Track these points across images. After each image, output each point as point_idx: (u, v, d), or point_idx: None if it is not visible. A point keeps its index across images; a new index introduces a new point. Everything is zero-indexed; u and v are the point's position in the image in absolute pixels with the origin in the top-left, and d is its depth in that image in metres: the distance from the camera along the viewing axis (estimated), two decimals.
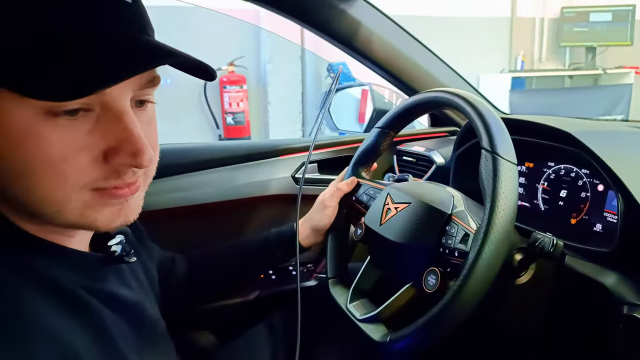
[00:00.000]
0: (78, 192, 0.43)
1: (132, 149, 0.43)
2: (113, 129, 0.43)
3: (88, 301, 0.48)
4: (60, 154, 0.41)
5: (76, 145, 0.42)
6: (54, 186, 0.42)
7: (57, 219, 0.44)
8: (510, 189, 0.58)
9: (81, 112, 0.41)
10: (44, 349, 0.40)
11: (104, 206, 0.46)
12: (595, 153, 0.69)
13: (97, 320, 0.48)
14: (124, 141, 0.43)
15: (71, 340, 0.43)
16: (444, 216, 0.66)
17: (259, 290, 1.11)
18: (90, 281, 0.50)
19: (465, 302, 0.57)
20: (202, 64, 0.46)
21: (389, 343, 0.64)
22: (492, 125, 0.62)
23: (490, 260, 0.56)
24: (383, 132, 0.85)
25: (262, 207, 1.10)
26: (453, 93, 0.70)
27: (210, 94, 3.89)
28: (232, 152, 1.07)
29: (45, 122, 0.40)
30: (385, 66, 1.07)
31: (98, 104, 0.42)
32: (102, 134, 0.43)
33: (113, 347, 0.50)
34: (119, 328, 0.51)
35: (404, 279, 0.69)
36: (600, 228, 0.77)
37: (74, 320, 0.45)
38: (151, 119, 0.50)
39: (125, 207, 0.47)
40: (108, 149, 0.43)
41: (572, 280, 0.71)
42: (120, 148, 0.43)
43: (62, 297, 0.45)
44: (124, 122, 0.43)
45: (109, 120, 0.43)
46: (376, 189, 0.83)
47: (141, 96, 0.47)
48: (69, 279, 0.47)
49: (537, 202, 0.88)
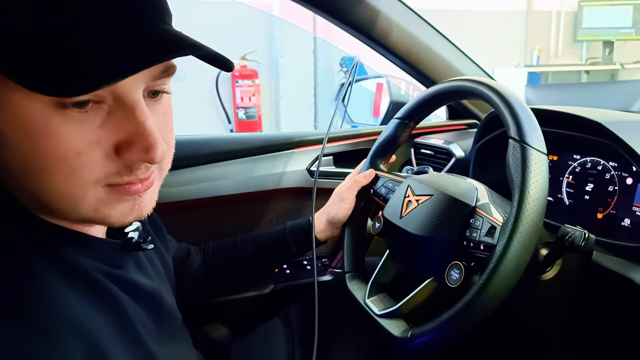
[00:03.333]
0: (92, 188, 0.42)
1: (144, 144, 0.42)
2: (125, 122, 0.42)
3: (108, 287, 0.48)
4: (73, 148, 0.40)
5: (88, 139, 0.40)
6: (68, 181, 0.41)
7: (72, 214, 0.44)
8: (540, 179, 0.56)
9: (92, 104, 0.40)
10: (69, 334, 0.40)
11: (118, 202, 0.45)
12: (627, 143, 0.67)
13: (117, 306, 0.48)
14: (136, 135, 0.42)
15: (94, 327, 0.43)
16: (468, 208, 0.64)
17: (273, 284, 1.10)
18: (109, 267, 0.50)
19: (492, 296, 0.55)
20: (220, 57, 0.44)
21: (410, 339, 0.62)
22: (520, 113, 0.60)
23: (519, 254, 0.54)
24: (403, 122, 0.83)
25: (277, 200, 1.09)
26: (478, 81, 0.68)
27: (222, 89, 3.89)
28: (248, 144, 1.06)
29: (56, 115, 0.39)
30: (403, 56, 1.04)
31: (110, 96, 0.41)
32: (114, 128, 0.41)
33: (134, 333, 0.49)
34: (138, 315, 0.51)
35: (425, 273, 0.67)
36: (628, 223, 0.75)
37: (96, 306, 0.45)
38: (166, 110, 0.48)
39: (139, 203, 0.46)
40: (120, 143, 0.42)
41: (599, 276, 0.69)
42: (132, 142, 0.42)
43: (84, 283, 0.45)
44: (136, 116, 0.42)
45: (121, 113, 0.41)
46: (395, 182, 0.81)
47: (155, 87, 0.45)
48: (89, 265, 0.47)
49: (561, 196, 0.86)
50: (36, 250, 0.43)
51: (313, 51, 4.03)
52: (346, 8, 0.96)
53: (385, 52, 1.06)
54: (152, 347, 0.52)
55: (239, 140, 1.08)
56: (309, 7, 0.95)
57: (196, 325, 0.98)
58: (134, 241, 0.54)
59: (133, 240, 0.54)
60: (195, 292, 0.84)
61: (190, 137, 1.06)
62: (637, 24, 4.33)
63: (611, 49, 4.51)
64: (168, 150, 0.48)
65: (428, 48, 1.06)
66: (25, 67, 0.37)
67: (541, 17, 4.70)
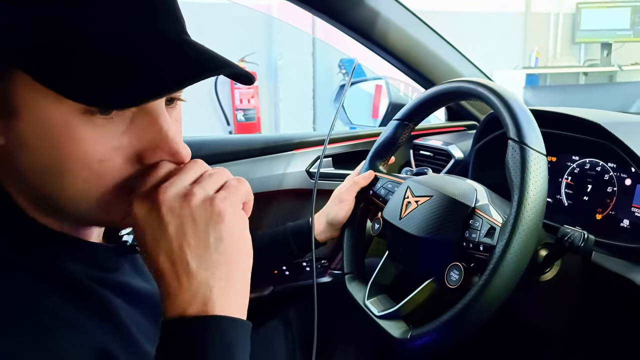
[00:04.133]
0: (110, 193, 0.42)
1: (170, 150, 0.43)
2: (148, 130, 0.42)
3: (99, 292, 0.47)
4: (97, 154, 0.40)
5: (111, 145, 0.41)
6: (88, 186, 0.41)
7: (82, 216, 0.44)
8: (539, 180, 0.56)
9: (116, 112, 0.40)
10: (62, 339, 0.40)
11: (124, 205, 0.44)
12: (626, 144, 0.67)
13: (110, 312, 0.47)
14: (159, 143, 0.42)
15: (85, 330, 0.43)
16: (468, 209, 0.64)
17: (273, 286, 1.10)
18: (101, 272, 0.49)
19: (492, 297, 0.55)
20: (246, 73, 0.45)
21: (410, 340, 0.62)
22: (519, 114, 0.60)
23: (519, 254, 0.54)
24: (402, 124, 0.83)
25: (277, 202, 1.09)
26: (477, 82, 0.68)
27: (221, 91, 3.89)
28: (248, 145, 1.06)
29: (82, 121, 0.39)
30: (402, 57, 1.05)
31: None
32: (137, 135, 0.42)
33: (129, 337, 0.49)
34: (134, 319, 0.50)
35: (425, 274, 0.67)
36: (627, 224, 0.75)
37: (87, 312, 0.44)
38: (178, 118, 0.48)
39: None
40: (143, 150, 0.42)
41: (599, 277, 0.69)
42: (157, 150, 0.43)
43: (75, 289, 0.44)
44: (158, 124, 0.42)
45: (144, 121, 0.42)
46: (394, 183, 0.81)
47: (173, 95, 0.46)
48: (79, 271, 0.46)
49: (560, 197, 0.86)
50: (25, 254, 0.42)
51: (312, 53, 4.03)
52: (345, 9, 0.96)
53: (384, 54, 1.06)
54: (150, 352, 0.51)
55: (239, 141, 1.08)
56: (307, 8, 0.95)
57: None
58: (128, 244, 0.54)
59: (127, 244, 0.54)
60: None
61: (189, 138, 1.05)
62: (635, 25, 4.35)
63: (609, 51, 4.52)
64: None
65: (427, 49, 1.07)
66: (68, 75, 0.37)
67: (539, 19, 4.71)
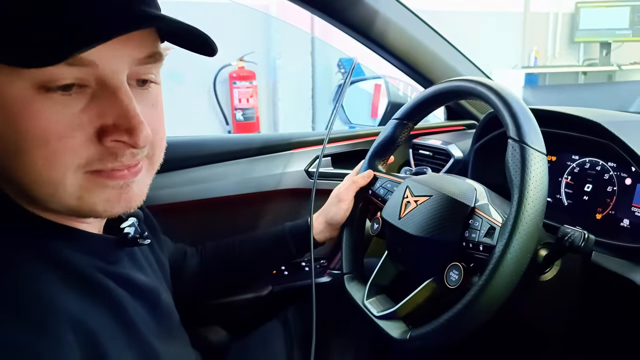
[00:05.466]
0: (73, 174, 0.41)
1: (127, 126, 0.41)
2: (109, 106, 0.41)
3: (105, 283, 0.47)
4: (55, 131, 0.39)
5: (71, 122, 0.40)
6: (48, 165, 0.40)
7: (54, 202, 0.43)
8: (539, 179, 0.55)
9: (76, 88, 0.40)
10: (63, 328, 0.39)
11: (102, 189, 0.44)
12: (627, 143, 0.67)
13: (114, 302, 0.47)
14: (119, 118, 0.41)
15: (89, 321, 0.42)
16: (467, 209, 0.64)
17: (271, 286, 1.09)
18: (105, 264, 0.49)
19: (492, 298, 0.54)
20: (197, 31, 0.43)
21: (409, 340, 0.61)
22: (519, 113, 0.59)
23: (519, 254, 0.54)
24: (401, 123, 0.83)
25: (275, 201, 1.08)
26: (477, 81, 0.67)
27: (220, 90, 3.88)
28: (247, 145, 1.06)
29: (39, 97, 0.39)
30: (401, 56, 1.04)
31: (93, 80, 0.41)
32: (97, 112, 0.41)
33: (133, 329, 0.49)
34: (137, 311, 0.50)
35: (424, 274, 0.66)
36: (627, 223, 0.74)
37: (91, 301, 0.44)
38: (155, 101, 0.48)
39: (127, 192, 0.45)
40: (103, 127, 0.41)
41: (599, 277, 0.68)
42: (115, 125, 0.41)
43: (78, 279, 0.44)
44: (118, 98, 0.41)
45: (104, 97, 0.41)
46: (394, 182, 0.81)
47: (142, 74, 0.45)
48: (83, 262, 0.46)
49: (560, 196, 0.85)
50: (26, 245, 0.42)
51: (311, 52, 4.03)
52: (344, 8, 0.96)
53: (383, 53, 1.06)
54: (153, 343, 0.51)
55: (238, 141, 1.07)
56: (306, 7, 0.95)
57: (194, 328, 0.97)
58: (129, 236, 0.54)
59: (129, 236, 0.54)
60: (192, 294, 0.84)
61: (189, 138, 1.05)
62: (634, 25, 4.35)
63: (608, 50, 4.52)
64: (158, 141, 0.48)
65: (426, 48, 1.06)
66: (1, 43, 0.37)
67: (539, 18, 4.70)
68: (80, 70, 0.39)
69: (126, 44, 0.42)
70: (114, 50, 0.41)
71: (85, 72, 0.40)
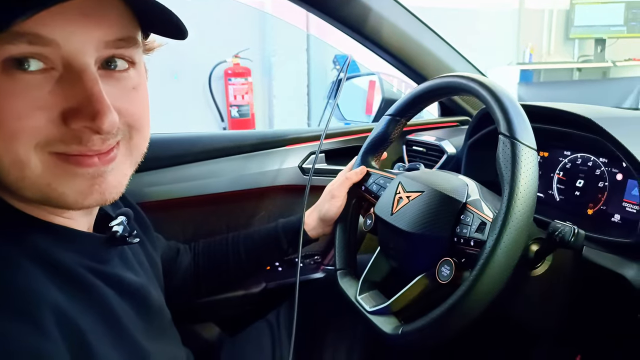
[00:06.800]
0: (35, 154, 0.40)
1: (91, 111, 0.40)
2: (74, 89, 0.40)
3: (91, 282, 0.47)
4: (14, 111, 0.38)
5: (33, 104, 0.39)
6: (9, 145, 0.39)
7: (25, 187, 0.42)
8: (530, 175, 0.55)
9: (41, 70, 0.39)
10: (49, 322, 0.39)
11: (72, 177, 0.42)
12: (617, 139, 0.67)
13: (101, 301, 0.47)
14: (83, 101, 0.40)
15: (76, 318, 0.42)
16: (459, 205, 0.64)
17: (265, 283, 1.10)
18: (93, 262, 0.49)
19: (483, 293, 0.55)
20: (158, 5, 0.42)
21: (401, 335, 0.62)
22: (510, 109, 0.59)
23: (509, 249, 0.54)
24: (394, 119, 0.83)
25: (269, 198, 1.08)
26: (468, 77, 0.67)
27: (215, 87, 3.87)
28: (241, 141, 1.05)
29: (3, 78, 0.38)
30: (395, 53, 1.04)
31: (59, 62, 0.40)
32: (62, 94, 0.40)
33: (121, 328, 0.48)
34: (124, 311, 0.50)
35: (416, 269, 0.67)
36: (618, 218, 0.75)
37: (78, 299, 0.44)
38: (137, 85, 0.46)
39: (100, 183, 0.44)
40: (67, 110, 0.40)
41: (590, 272, 0.69)
42: (79, 109, 0.40)
43: (64, 277, 0.44)
44: (83, 80, 0.40)
45: (69, 80, 0.40)
46: (386, 178, 0.81)
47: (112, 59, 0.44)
48: (71, 259, 0.46)
49: (552, 192, 0.86)
50: (11, 240, 0.42)
51: (306, 49, 4.02)
52: (338, 5, 0.95)
53: (377, 50, 1.06)
54: (141, 343, 0.51)
55: (232, 137, 1.07)
56: (301, 4, 0.94)
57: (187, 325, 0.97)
58: (118, 235, 0.53)
59: (117, 234, 0.53)
60: (185, 291, 0.84)
61: (182, 134, 1.05)
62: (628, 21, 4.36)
63: (603, 47, 4.52)
64: (137, 126, 0.47)
65: (420, 45, 1.06)
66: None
67: (533, 15, 4.71)
68: (43, 50, 0.39)
69: (91, 24, 0.41)
70: (76, 29, 0.40)
71: (49, 52, 0.39)
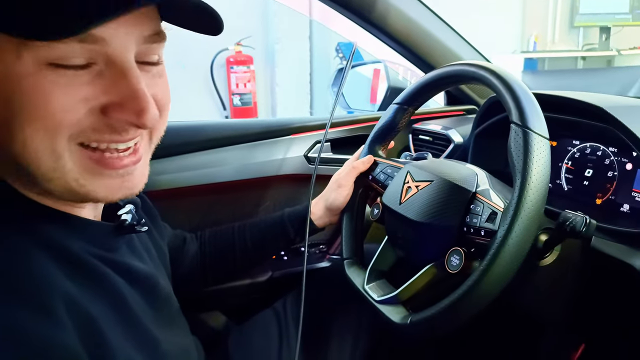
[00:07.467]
0: (67, 145, 0.41)
1: (136, 107, 0.42)
2: (116, 84, 0.41)
3: (101, 270, 0.47)
4: (62, 104, 0.39)
5: (77, 97, 0.40)
6: (48, 137, 0.40)
7: (54, 179, 0.42)
8: (542, 164, 0.55)
9: (83, 65, 0.40)
10: (61, 310, 0.39)
11: (101, 176, 0.44)
12: (629, 128, 0.66)
13: (111, 289, 0.47)
14: (127, 98, 0.41)
15: (87, 306, 0.42)
16: (468, 194, 0.64)
17: (271, 272, 1.10)
18: (102, 251, 0.49)
19: (493, 282, 0.54)
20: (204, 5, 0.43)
21: (411, 325, 0.62)
22: (522, 97, 0.59)
23: (520, 239, 0.54)
24: (402, 108, 0.82)
25: (274, 187, 1.08)
26: (479, 65, 0.67)
27: (217, 75, 3.85)
28: (246, 130, 1.05)
29: (47, 72, 0.39)
30: (402, 40, 1.03)
31: (101, 58, 0.41)
32: (103, 88, 0.41)
33: (132, 316, 0.49)
34: (134, 299, 0.50)
35: (424, 259, 0.66)
36: (627, 208, 0.74)
37: (88, 288, 0.44)
38: (161, 75, 0.48)
39: (129, 179, 0.46)
40: (110, 104, 0.41)
41: (598, 262, 0.69)
42: (123, 105, 0.42)
43: (74, 265, 0.44)
44: (127, 78, 0.41)
45: (111, 75, 0.41)
46: (394, 168, 0.81)
47: (148, 53, 0.45)
48: (81, 248, 0.46)
49: (560, 182, 0.85)
50: (21, 228, 0.42)
51: (309, 37, 3.99)
52: None
53: (383, 37, 1.04)
54: (152, 331, 0.51)
55: (237, 126, 1.06)
56: None
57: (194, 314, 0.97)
58: (126, 224, 0.53)
59: (126, 223, 0.53)
60: (192, 280, 0.84)
61: (187, 123, 1.04)
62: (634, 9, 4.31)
63: (608, 35, 4.48)
64: (162, 117, 0.48)
65: (427, 32, 1.05)
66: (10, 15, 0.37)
67: (538, 3, 4.66)
68: (90, 48, 0.39)
69: (135, 20, 0.41)
70: (123, 27, 0.40)
71: (95, 50, 0.40)
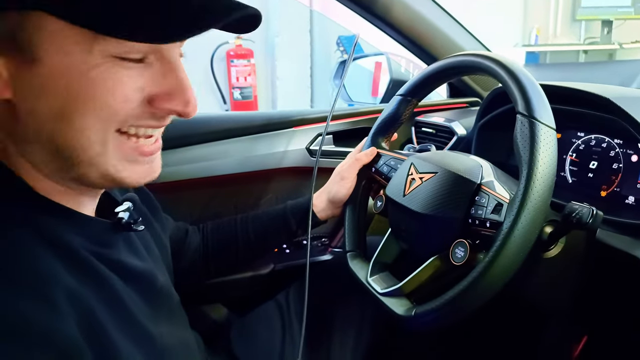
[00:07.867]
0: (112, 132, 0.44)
1: (183, 98, 0.46)
2: (165, 77, 0.45)
3: (96, 266, 0.47)
4: (122, 95, 0.42)
5: (135, 85, 0.43)
6: (103, 125, 0.43)
7: (96, 164, 0.44)
8: (549, 155, 0.54)
9: (139, 59, 0.43)
10: (62, 301, 0.40)
11: (135, 163, 0.47)
12: (635, 119, 0.66)
13: (106, 285, 0.47)
14: (175, 89, 0.46)
15: (84, 298, 0.43)
16: (473, 186, 0.63)
17: (273, 264, 1.10)
18: (97, 247, 0.49)
19: (499, 274, 0.54)
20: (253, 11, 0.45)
21: (415, 317, 0.61)
22: (528, 87, 0.58)
23: (527, 231, 0.53)
24: (405, 99, 0.81)
25: (276, 180, 1.08)
26: (484, 56, 0.66)
27: (217, 68, 3.83)
28: (248, 122, 1.04)
29: (113, 63, 0.41)
30: (405, 32, 1.02)
31: (152, 52, 0.44)
32: (152, 79, 0.44)
33: (125, 312, 0.49)
34: (129, 295, 0.50)
35: (428, 251, 0.66)
36: (633, 200, 0.74)
37: (85, 282, 0.44)
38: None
39: (154, 166, 0.50)
40: (158, 94, 0.45)
41: (603, 254, 0.68)
42: (171, 94, 0.45)
43: (73, 259, 0.45)
44: (176, 72, 0.46)
45: (161, 68, 0.45)
46: (397, 160, 0.80)
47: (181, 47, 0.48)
48: (78, 243, 0.46)
49: (564, 174, 0.85)
50: (27, 223, 0.43)
51: (309, 30, 3.97)
52: None
53: (386, 28, 1.04)
54: (147, 326, 0.51)
55: (238, 118, 1.06)
56: None
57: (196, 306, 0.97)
58: (124, 222, 0.53)
59: (123, 221, 0.53)
60: (194, 273, 0.83)
61: None
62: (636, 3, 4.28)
63: (610, 29, 4.45)
64: None
65: (430, 24, 1.04)
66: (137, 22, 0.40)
67: None
68: (150, 44, 0.43)
69: None
70: None
71: (152, 46, 0.43)
